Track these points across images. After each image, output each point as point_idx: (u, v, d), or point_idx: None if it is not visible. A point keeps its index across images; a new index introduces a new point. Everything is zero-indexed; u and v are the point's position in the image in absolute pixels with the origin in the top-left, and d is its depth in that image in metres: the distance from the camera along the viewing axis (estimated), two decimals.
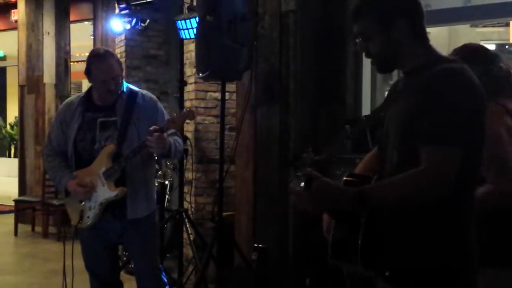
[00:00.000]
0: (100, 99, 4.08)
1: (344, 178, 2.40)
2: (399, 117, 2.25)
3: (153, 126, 3.76)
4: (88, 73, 4.06)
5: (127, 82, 4.25)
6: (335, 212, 2.31)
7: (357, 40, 2.35)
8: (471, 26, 13.13)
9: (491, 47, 14.98)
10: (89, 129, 4.03)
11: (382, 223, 2.19)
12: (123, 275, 4.47)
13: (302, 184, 2.08)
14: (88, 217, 3.96)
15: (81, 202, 3.96)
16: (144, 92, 4.23)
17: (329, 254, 2.35)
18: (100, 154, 3.94)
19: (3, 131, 16.66)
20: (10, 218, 9.76)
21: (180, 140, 4.13)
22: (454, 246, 2.18)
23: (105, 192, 3.91)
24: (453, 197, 2.08)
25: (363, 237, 2.18)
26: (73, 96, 4.36)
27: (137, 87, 4.36)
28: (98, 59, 4.04)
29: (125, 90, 4.10)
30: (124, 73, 4.17)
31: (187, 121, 6.68)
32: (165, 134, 3.79)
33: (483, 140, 2.19)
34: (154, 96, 4.27)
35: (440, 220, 2.14)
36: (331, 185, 2.13)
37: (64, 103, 4.35)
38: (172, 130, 4.00)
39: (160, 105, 4.22)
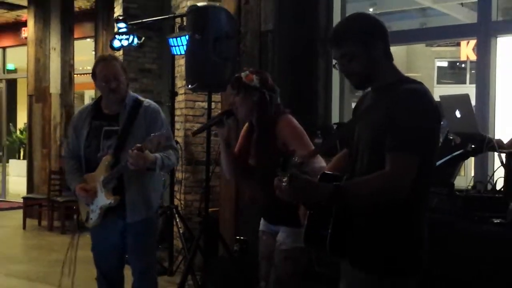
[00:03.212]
0: (106, 106, 3.96)
1: (322, 172, 2.44)
2: (370, 126, 2.30)
3: (136, 145, 3.56)
4: (93, 74, 3.91)
5: None
6: (311, 205, 2.34)
7: (335, 63, 2.39)
8: (426, 46, 13.29)
9: (444, 64, 15.14)
10: (95, 137, 3.90)
11: (350, 216, 2.24)
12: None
13: (285, 180, 2.11)
14: (91, 218, 3.91)
15: (87, 204, 3.90)
16: (148, 103, 4.00)
17: (303, 240, 2.41)
18: (101, 163, 3.82)
19: (14, 136, 16.58)
20: (19, 213, 9.72)
21: (172, 155, 3.92)
22: (408, 236, 2.27)
23: (103, 199, 3.82)
24: (411, 196, 2.15)
25: (333, 227, 2.23)
26: (86, 104, 4.24)
27: None
28: (103, 61, 3.93)
29: (131, 100, 3.94)
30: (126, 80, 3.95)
31: (177, 127, 6.67)
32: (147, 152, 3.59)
33: (436, 149, 2.32)
34: (157, 107, 4.03)
35: (398, 214, 2.22)
36: (311, 182, 2.20)
37: (78, 110, 4.24)
38: (168, 143, 3.88)
39: (162, 116, 4.01)
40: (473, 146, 3.39)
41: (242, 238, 5.01)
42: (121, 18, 7.00)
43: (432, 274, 3.04)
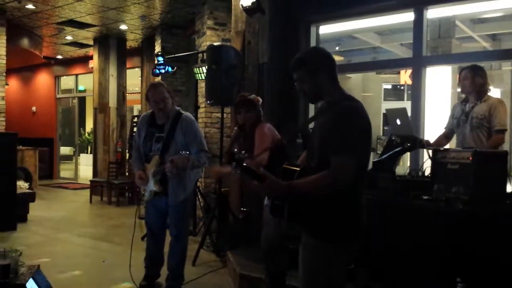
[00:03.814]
0: (158, 117, 3.96)
1: (284, 166, 2.37)
2: (318, 132, 2.24)
3: (170, 158, 3.65)
4: (147, 98, 3.92)
5: None
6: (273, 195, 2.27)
7: (295, 83, 2.33)
8: (376, 73, 13.29)
9: (389, 86, 15.10)
10: (149, 140, 3.95)
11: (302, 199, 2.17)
12: None
13: (238, 171, 2.11)
14: (145, 195, 3.98)
15: (144, 184, 3.95)
16: (186, 115, 3.94)
17: (269, 211, 2.33)
18: (153, 159, 3.89)
19: (83, 137, 16.60)
20: (87, 191, 9.73)
21: (203, 157, 3.87)
22: (347, 211, 2.16)
23: (151, 186, 3.90)
24: (351, 186, 2.10)
25: (289, 203, 2.16)
26: (145, 112, 4.19)
27: None
28: (152, 87, 3.93)
29: (174, 113, 3.92)
30: (172, 99, 3.94)
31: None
32: (179, 159, 3.63)
33: (369, 152, 2.25)
34: (191, 118, 3.97)
35: (340, 195, 2.11)
36: (275, 182, 2.12)
37: (141, 116, 4.21)
38: (200, 147, 3.86)
39: (195, 125, 3.98)
40: (409, 144, 3.39)
41: (245, 209, 5.02)
42: (159, 53, 7.03)
43: (379, 236, 3.06)
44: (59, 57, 12.49)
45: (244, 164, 2.09)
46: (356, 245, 2.23)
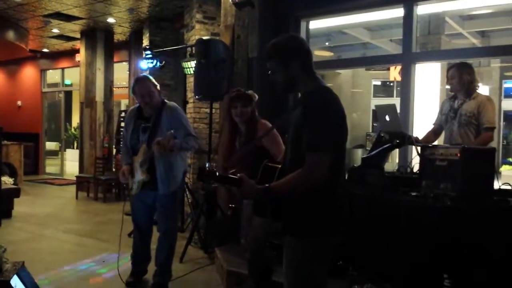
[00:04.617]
0: (145, 111, 3.97)
1: (264, 163, 2.36)
2: (292, 126, 2.18)
3: (156, 139, 3.65)
4: (133, 92, 3.94)
5: None
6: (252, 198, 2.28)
7: (269, 73, 2.24)
8: (366, 69, 13.32)
9: (378, 83, 15.15)
10: (136, 132, 3.97)
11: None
12: None
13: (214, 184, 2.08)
14: (133, 188, 3.99)
15: (132, 178, 3.95)
16: (170, 103, 3.98)
17: (252, 210, 2.34)
18: (140, 149, 3.90)
19: (70, 132, 16.44)
20: (73, 187, 9.68)
21: (191, 140, 3.87)
22: (325, 207, 2.11)
23: (139, 176, 3.91)
24: (327, 179, 2.03)
25: (271, 203, 2.17)
26: (132, 106, 4.20)
27: None
28: (138, 81, 3.94)
29: (160, 103, 3.93)
30: (158, 91, 3.94)
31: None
32: (166, 139, 3.61)
33: (345, 143, 2.16)
34: (174, 105, 3.99)
35: (317, 193, 2.06)
36: (252, 186, 2.07)
37: (128, 111, 4.26)
38: (187, 132, 3.87)
39: (180, 112, 3.99)
40: (397, 141, 3.40)
41: (233, 205, 5.00)
42: (147, 47, 6.99)
43: (367, 231, 3.08)
44: (45, 50, 12.36)
45: (217, 174, 2.05)
46: (337, 238, 2.18)
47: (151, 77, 4.00)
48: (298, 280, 2.16)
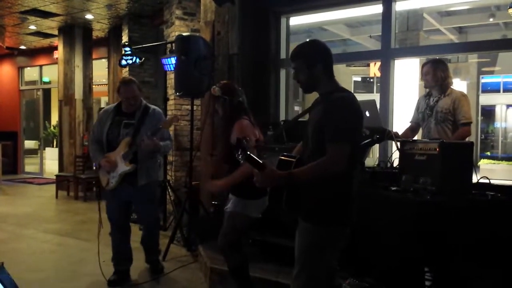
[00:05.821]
0: (125, 108, 4.12)
1: (280, 157, 2.41)
2: (313, 121, 2.34)
3: (147, 134, 3.88)
4: (118, 91, 4.13)
5: None
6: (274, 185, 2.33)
7: (292, 71, 2.42)
8: (346, 66, 13.41)
9: (358, 79, 15.27)
10: (116, 127, 4.07)
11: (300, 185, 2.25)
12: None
13: (241, 159, 2.09)
14: (111, 182, 4.05)
15: (108, 172, 4.03)
16: (154, 108, 4.22)
17: (268, 200, 2.43)
18: (121, 143, 4.00)
19: (49, 130, 16.20)
20: (53, 186, 9.55)
21: (170, 144, 4.21)
22: (340, 197, 2.28)
23: (123, 167, 3.99)
24: (345, 173, 2.20)
25: (287, 191, 2.26)
26: (110, 105, 4.42)
27: None
28: (124, 84, 4.11)
29: (143, 105, 4.14)
30: (141, 93, 4.19)
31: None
32: (156, 139, 3.91)
33: (361, 138, 2.39)
34: (160, 111, 4.27)
35: (334, 182, 2.23)
36: (275, 171, 2.19)
37: (103, 110, 4.37)
38: (166, 136, 4.15)
39: (162, 117, 4.24)
40: (377, 136, 3.42)
41: (216, 202, 5.01)
42: (126, 44, 6.91)
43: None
44: (23, 47, 12.14)
45: (248, 153, 2.11)
46: (348, 230, 2.35)
47: (135, 80, 4.21)
48: (312, 265, 2.31)
